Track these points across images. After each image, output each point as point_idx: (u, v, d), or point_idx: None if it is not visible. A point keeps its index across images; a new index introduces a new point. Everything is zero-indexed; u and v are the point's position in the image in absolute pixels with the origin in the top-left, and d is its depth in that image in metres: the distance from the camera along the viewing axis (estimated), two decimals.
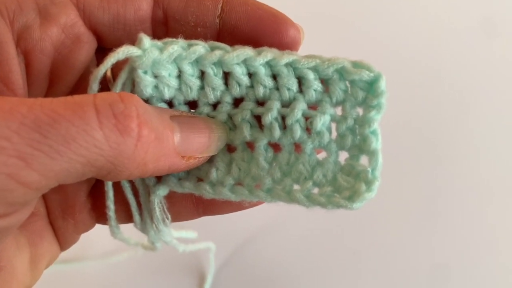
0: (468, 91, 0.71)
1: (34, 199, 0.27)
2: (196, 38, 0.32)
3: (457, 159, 0.69)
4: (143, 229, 0.37)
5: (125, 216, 0.37)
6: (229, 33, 0.33)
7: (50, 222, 0.35)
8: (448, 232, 0.67)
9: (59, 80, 0.33)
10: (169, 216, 0.36)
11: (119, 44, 0.32)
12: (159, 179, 0.35)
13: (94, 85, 0.31)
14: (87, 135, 0.24)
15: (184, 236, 0.47)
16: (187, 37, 0.32)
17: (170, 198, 0.36)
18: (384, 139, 0.35)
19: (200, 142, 0.31)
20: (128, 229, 0.38)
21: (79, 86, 0.33)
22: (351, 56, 0.32)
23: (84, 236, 0.38)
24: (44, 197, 0.35)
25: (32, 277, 0.33)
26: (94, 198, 0.36)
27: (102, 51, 0.34)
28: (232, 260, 0.66)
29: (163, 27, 0.33)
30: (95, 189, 0.36)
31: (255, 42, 0.32)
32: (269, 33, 0.32)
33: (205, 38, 0.33)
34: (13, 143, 0.23)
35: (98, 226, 0.38)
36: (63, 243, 0.36)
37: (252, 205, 0.36)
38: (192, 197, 0.37)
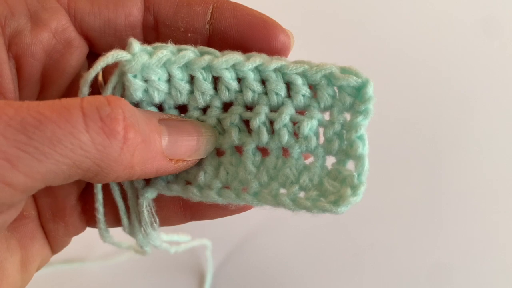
0: (468, 91, 0.71)
1: (21, 201, 0.27)
2: (186, 43, 0.33)
3: (458, 159, 0.69)
4: (132, 232, 0.37)
5: (115, 219, 0.37)
6: (219, 39, 0.33)
7: (41, 224, 0.36)
8: (448, 232, 0.67)
9: (51, 84, 0.33)
10: (157, 219, 0.36)
11: (110, 49, 0.32)
12: (148, 182, 0.35)
13: (85, 89, 0.31)
14: (73, 137, 0.24)
15: (177, 239, 0.47)
16: (177, 42, 0.32)
17: (158, 202, 0.36)
18: (384, 138, 0.34)
19: (189, 145, 0.32)
20: (121, 232, 0.38)
21: (71, 91, 0.34)
22: (351, 57, 0.32)
23: (84, 237, 0.39)
24: (35, 200, 0.35)
25: (23, 279, 0.34)
26: (84, 201, 0.36)
27: (93, 56, 0.34)
28: (231, 259, 0.66)
29: (153, 33, 0.34)
30: (85, 192, 0.36)
31: (245, 47, 0.32)
32: (259, 38, 0.32)
33: (195, 43, 0.33)
34: None
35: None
36: (54, 246, 0.36)
37: (238, 210, 0.36)
38: (180, 202, 0.37)
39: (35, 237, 0.35)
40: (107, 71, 0.33)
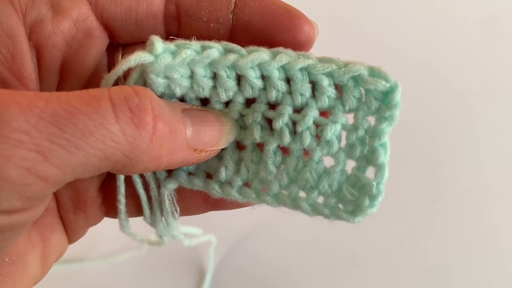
0: (468, 91, 0.70)
1: (50, 194, 0.27)
2: (209, 33, 0.32)
3: (458, 159, 0.69)
4: (152, 222, 0.38)
5: (134, 210, 0.38)
6: (242, 29, 0.32)
7: (61, 216, 0.35)
8: (448, 233, 0.67)
9: (70, 75, 0.32)
10: (178, 208, 0.36)
11: (130, 39, 0.32)
12: (170, 173, 0.35)
13: None
14: (104, 128, 0.24)
15: (190, 231, 0.47)
16: (199, 32, 0.32)
17: (180, 193, 0.36)
18: None
19: (211, 135, 0.31)
20: (133, 226, 0.39)
21: (90, 82, 0.33)
22: (351, 57, 0.32)
23: (84, 236, 0.39)
24: (55, 192, 0.35)
25: (42, 271, 0.34)
26: (105, 192, 0.36)
27: (112, 46, 0.34)
28: (232, 256, 0.66)
29: (175, 22, 0.33)
30: (106, 183, 0.36)
31: (269, 38, 0.32)
32: (283, 29, 0.31)
33: (218, 33, 0.32)
34: (32, 137, 0.23)
35: (98, 227, 0.38)
36: (72, 237, 0.36)
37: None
38: (202, 194, 0.37)
39: (55, 229, 0.35)
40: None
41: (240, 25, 0.32)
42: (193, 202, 0.37)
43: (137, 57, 0.29)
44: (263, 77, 0.32)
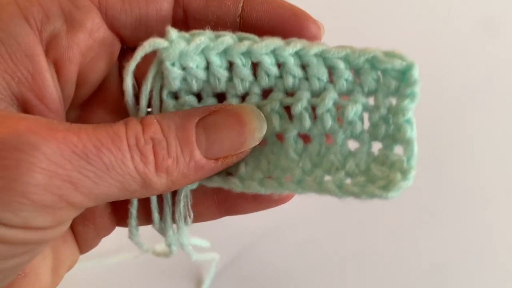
0: (468, 91, 0.71)
1: (74, 216, 0.30)
2: None
3: (458, 159, 0.69)
4: (161, 229, 0.37)
5: (143, 218, 0.37)
6: (250, 33, 0.32)
7: (71, 228, 0.36)
8: (448, 233, 0.67)
9: (86, 83, 0.33)
10: (191, 214, 0.36)
11: (139, 43, 0.32)
12: None
13: (128, 79, 0.32)
14: (123, 164, 0.28)
15: (198, 243, 0.46)
16: None
17: (193, 199, 0.36)
18: None
19: (232, 141, 0.31)
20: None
21: (103, 87, 0.35)
22: None
23: None
24: None
25: (54, 282, 0.35)
26: (114, 202, 0.35)
27: (123, 51, 0.35)
28: (230, 266, 0.65)
29: (183, 27, 0.33)
30: None
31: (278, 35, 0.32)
32: (290, 31, 0.32)
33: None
34: (66, 169, 0.26)
35: None
36: (83, 247, 0.38)
37: (276, 202, 0.36)
38: (214, 198, 0.37)
39: (67, 241, 0.36)
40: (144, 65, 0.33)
41: (248, 29, 0.32)
42: (206, 207, 0.37)
43: (151, 42, 0.30)
44: (279, 66, 0.32)
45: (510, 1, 0.73)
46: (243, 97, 0.33)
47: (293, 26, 0.31)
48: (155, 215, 0.36)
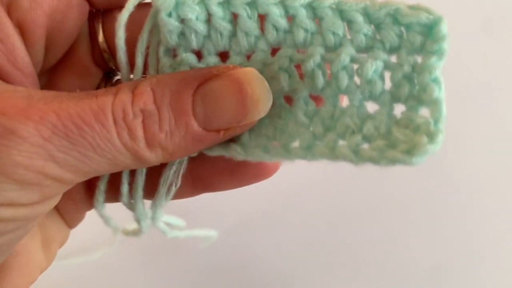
0: (468, 91, 0.69)
1: (65, 190, 0.29)
2: None
3: (458, 159, 0.68)
4: (129, 204, 0.34)
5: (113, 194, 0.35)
6: None
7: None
8: (448, 233, 0.66)
9: (55, 45, 0.32)
10: (179, 183, 0.33)
11: (108, 4, 0.32)
12: None
13: (120, 32, 0.29)
14: (109, 142, 0.26)
15: (173, 222, 0.42)
16: None
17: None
18: None
19: (233, 113, 0.28)
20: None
21: (74, 49, 0.33)
22: None
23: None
24: None
25: (47, 258, 0.35)
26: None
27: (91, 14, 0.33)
28: (221, 252, 0.63)
29: None
30: None
31: None
32: None
33: None
34: (47, 150, 0.25)
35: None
36: (70, 222, 0.37)
37: (255, 178, 0.34)
38: (188, 176, 0.34)
39: (51, 216, 0.35)
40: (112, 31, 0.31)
41: None
42: (181, 186, 0.34)
43: None
44: (288, 19, 0.28)
45: (510, 1, 0.72)
46: (248, 56, 0.29)
47: None
48: (124, 186, 0.33)
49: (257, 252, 0.64)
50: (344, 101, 0.28)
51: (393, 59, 0.28)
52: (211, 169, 0.34)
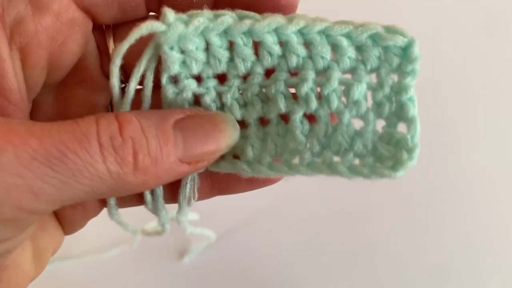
0: (468, 91, 0.71)
1: (38, 221, 0.29)
2: (193, 9, 0.31)
3: (458, 159, 0.69)
4: (154, 209, 0.36)
5: (135, 199, 0.37)
6: (227, 3, 0.32)
7: (56, 212, 0.35)
8: (448, 233, 0.67)
9: (57, 67, 0.32)
10: (196, 196, 0.35)
11: (113, 21, 0.32)
12: None
13: (117, 60, 0.30)
14: (92, 167, 0.26)
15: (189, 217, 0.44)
16: (182, 9, 0.31)
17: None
18: None
19: (207, 146, 0.30)
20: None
21: (79, 66, 0.33)
22: None
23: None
24: None
25: (37, 268, 0.34)
26: None
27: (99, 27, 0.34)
28: (224, 250, 0.64)
29: (156, 3, 0.32)
30: None
31: (253, 6, 0.31)
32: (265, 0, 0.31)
33: (201, 8, 0.31)
34: (25, 179, 0.24)
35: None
36: (69, 229, 0.37)
37: (268, 182, 0.36)
38: (208, 179, 0.36)
39: (46, 228, 0.35)
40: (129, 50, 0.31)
41: (222, 3, 0.32)
42: (200, 188, 0.36)
43: (149, 26, 0.29)
44: (281, 44, 0.31)
45: (510, 1, 0.74)
46: (245, 78, 0.32)
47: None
48: (148, 196, 0.36)
49: (257, 252, 0.65)
50: (335, 119, 0.32)
51: (373, 78, 0.31)
52: (230, 174, 0.35)
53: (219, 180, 0.36)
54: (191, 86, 0.32)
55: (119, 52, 0.30)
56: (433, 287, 0.66)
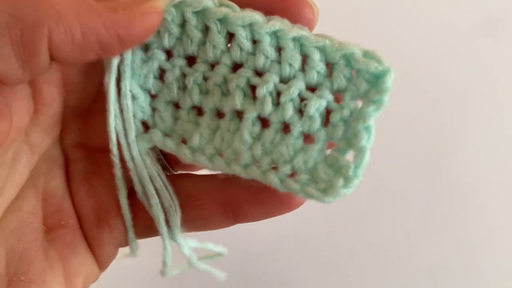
0: (468, 91, 0.69)
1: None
2: None
3: (458, 159, 0.69)
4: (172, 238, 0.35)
5: (144, 228, 0.34)
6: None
7: (85, 234, 0.34)
8: (447, 233, 0.67)
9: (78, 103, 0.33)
10: (177, 208, 0.33)
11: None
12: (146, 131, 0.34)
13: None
14: None
15: (211, 248, 0.39)
16: None
17: (198, 200, 0.34)
18: (384, 138, 0.32)
19: None
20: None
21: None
22: None
23: None
24: (77, 206, 0.34)
25: None
26: (130, 204, 0.34)
27: None
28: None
29: None
30: (131, 195, 0.34)
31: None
32: (279, 15, 0.30)
33: None
34: None
35: None
36: (100, 257, 0.34)
37: (288, 207, 0.33)
38: (221, 199, 0.33)
39: (75, 248, 0.33)
40: None
41: None
42: (213, 210, 0.33)
43: None
44: (254, 42, 0.30)
45: (510, 1, 0.71)
46: (213, 66, 0.32)
47: (284, 13, 0.30)
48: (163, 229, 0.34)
49: (257, 251, 0.66)
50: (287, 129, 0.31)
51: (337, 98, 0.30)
52: (241, 195, 0.33)
53: (230, 200, 0.33)
54: (160, 57, 0.32)
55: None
56: (432, 287, 0.67)
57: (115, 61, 0.31)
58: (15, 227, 0.31)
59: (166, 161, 0.35)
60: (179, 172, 0.36)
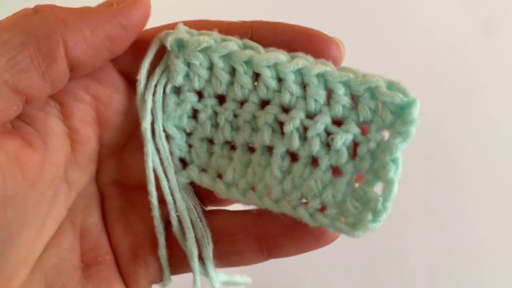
0: (468, 91, 0.69)
1: None
2: None
3: (458, 159, 0.69)
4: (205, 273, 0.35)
5: (179, 264, 0.35)
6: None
7: (121, 270, 0.34)
8: (447, 233, 0.67)
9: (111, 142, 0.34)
10: (210, 241, 0.34)
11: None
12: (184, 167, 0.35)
13: (144, 71, 0.32)
14: None
15: (238, 280, 0.40)
16: None
17: (232, 235, 0.34)
18: None
19: None
20: None
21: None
22: (351, 56, 0.32)
23: None
24: (113, 243, 0.35)
25: None
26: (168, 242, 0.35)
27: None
28: None
29: None
30: (167, 232, 0.35)
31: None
32: (305, 51, 0.31)
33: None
34: None
35: None
36: None
37: (321, 242, 0.33)
38: (254, 234, 0.33)
39: (112, 284, 0.34)
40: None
41: None
42: (246, 245, 0.33)
43: (162, 34, 0.32)
44: (280, 80, 0.31)
45: (510, 1, 0.71)
46: (242, 103, 0.33)
47: (310, 50, 0.30)
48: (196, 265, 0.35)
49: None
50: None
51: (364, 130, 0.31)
52: (275, 230, 0.33)
53: (264, 233, 0.33)
54: (192, 99, 0.33)
55: (143, 72, 0.32)
56: (432, 287, 0.66)
57: (148, 105, 0.32)
58: (54, 263, 0.32)
59: (198, 197, 0.36)
60: (210, 208, 0.37)
